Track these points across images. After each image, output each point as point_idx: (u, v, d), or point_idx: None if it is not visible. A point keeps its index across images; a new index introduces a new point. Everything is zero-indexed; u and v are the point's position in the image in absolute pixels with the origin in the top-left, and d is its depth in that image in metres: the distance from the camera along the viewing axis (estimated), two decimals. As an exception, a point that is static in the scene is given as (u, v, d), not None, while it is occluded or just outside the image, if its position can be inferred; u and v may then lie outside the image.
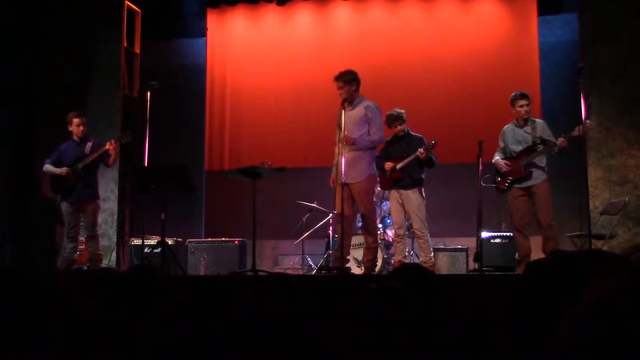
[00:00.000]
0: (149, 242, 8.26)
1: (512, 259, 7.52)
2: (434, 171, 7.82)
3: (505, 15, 9.85)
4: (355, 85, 7.15)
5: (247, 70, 10.49)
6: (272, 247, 10.05)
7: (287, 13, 10.49)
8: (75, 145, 7.81)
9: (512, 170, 7.13)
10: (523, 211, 7.15)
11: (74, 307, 1.14)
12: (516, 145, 7.21)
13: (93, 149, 7.70)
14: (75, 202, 7.69)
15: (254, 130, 10.30)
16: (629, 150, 8.19)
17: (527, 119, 7.20)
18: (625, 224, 7.97)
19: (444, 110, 9.59)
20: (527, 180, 7.09)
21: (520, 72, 9.45)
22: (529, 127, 7.17)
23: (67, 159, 7.74)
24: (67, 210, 7.71)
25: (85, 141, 7.80)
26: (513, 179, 7.13)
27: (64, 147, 7.85)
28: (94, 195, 7.82)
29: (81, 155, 7.71)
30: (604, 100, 8.29)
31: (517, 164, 7.10)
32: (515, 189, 7.15)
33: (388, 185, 7.70)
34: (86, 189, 7.71)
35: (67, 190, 7.67)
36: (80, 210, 7.72)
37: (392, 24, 10.14)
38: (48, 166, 7.78)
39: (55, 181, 7.78)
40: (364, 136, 7.13)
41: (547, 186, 7.10)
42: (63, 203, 7.73)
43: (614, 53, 8.33)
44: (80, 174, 7.63)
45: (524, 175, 7.07)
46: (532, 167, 7.07)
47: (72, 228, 7.73)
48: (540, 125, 7.21)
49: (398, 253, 7.61)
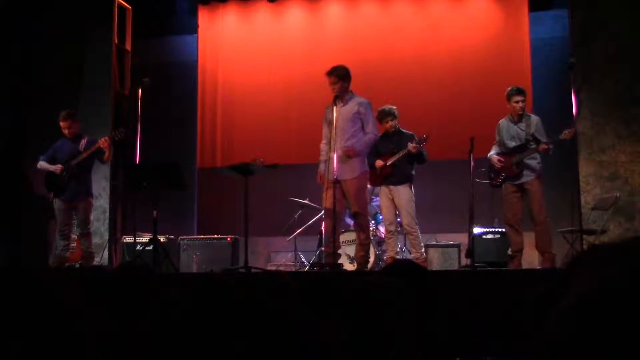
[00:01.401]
0: (141, 239, 8.24)
1: (504, 255, 7.54)
2: (426, 167, 7.83)
3: (497, 11, 9.86)
4: (348, 82, 7.15)
5: (239, 67, 10.48)
6: (264, 244, 10.04)
7: (278, 9, 10.48)
8: (69, 143, 7.79)
9: (505, 167, 7.16)
10: (516, 207, 7.17)
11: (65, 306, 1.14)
12: (510, 141, 7.23)
13: (87, 146, 7.68)
14: (68, 199, 7.67)
15: (246, 127, 10.29)
16: (619, 145, 8.22)
17: (522, 114, 7.22)
18: (616, 219, 8.01)
19: (436, 106, 9.60)
20: (519, 178, 7.11)
21: (512, 68, 9.46)
22: (523, 123, 7.19)
23: (61, 156, 7.73)
24: (60, 208, 7.70)
25: (79, 138, 7.79)
26: (506, 175, 7.16)
27: (58, 144, 7.83)
28: (87, 193, 7.80)
29: (75, 152, 7.69)
30: (594, 95, 8.32)
31: (509, 161, 7.13)
32: (508, 184, 7.18)
33: (378, 182, 7.71)
34: (79, 187, 7.69)
35: (61, 187, 7.65)
36: (73, 207, 7.71)
37: (384, 20, 10.14)
38: (42, 163, 7.76)
39: (48, 178, 7.76)
40: (359, 137, 7.11)
41: (539, 182, 7.13)
42: (56, 200, 7.71)
43: (605, 49, 8.36)
44: (74, 171, 7.62)
45: (515, 173, 7.10)
46: (523, 164, 7.09)
47: (64, 225, 7.72)
48: (535, 122, 7.21)
49: (390, 249, 7.62)
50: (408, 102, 8.89)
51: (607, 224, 7.80)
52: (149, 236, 7.71)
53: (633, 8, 8.33)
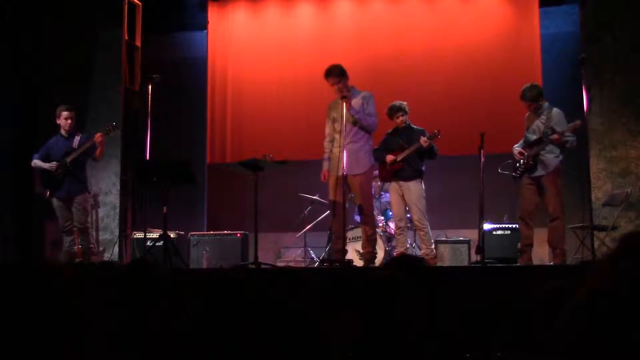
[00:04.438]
0: (151, 235, 8.27)
1: (514, 251, 7.52)
2: (436, 163, 7.81)
3: (507, 6, 9.82)
4: (347, 78, 7.16)
5: (249, 63, 10.47)
6: (274, 240, 10.05)
7: (288, 5, 10.47)
8: (63, 140, 7.82)
9: (525, 160, 7.16)
10: (529, 200, 7.16)
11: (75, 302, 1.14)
12: (531, 135, 7.23)
13: (81, 142, 7.71)
14: (64, 196, 7.72)
15: (255, 123, 10.29)
16: (631, 141, 8.17)
17: (543, 106, 7.18)
18: (627, 216, 7.97)
19: (446, 102, 9.57)
20: (535, 171, 7.10)
21: (522, 63, 9.42)
22: (544, 116, 7.16)
23: (55, 154, 7.76)
24: (58, 205, 7.75)
25: (73, 135, 7.82)
26: (524, 168, 7.16)
27: (51, 142, 7.87)
28: (84, 188, 7.84)
29: (69, 149, 7.72)
30: (606, 91, 8.27)
31: (528, 154, 7.13)
32: (525, 177, 7.18)
33: (388, 178, 7.70)
34: (75, 183, 7.73)
35: (56, 184, 7.69)
36: (70, 203, 7.74)
37: (393, 16, 10.11)
38: (36, 161, 7.80)
39: (44, 176, 7.80)
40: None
41: (555, 179, 7.08)
42: (53, 198, 7.75)
43: (616, 44, 8.31)
44: (68, 168, 7.64)
45: (530, 165, 7.10)
46: (538, 158, 7.07)
47: (66, 222, 7.77)
48: (556, 114, 7.18)
49: (400, 245, 7.61)
50: (418, 99, 8.86)
51: (618, 220, 7.76)
52: (159, 232, 7.73)
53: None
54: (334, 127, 7.28)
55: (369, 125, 7.15)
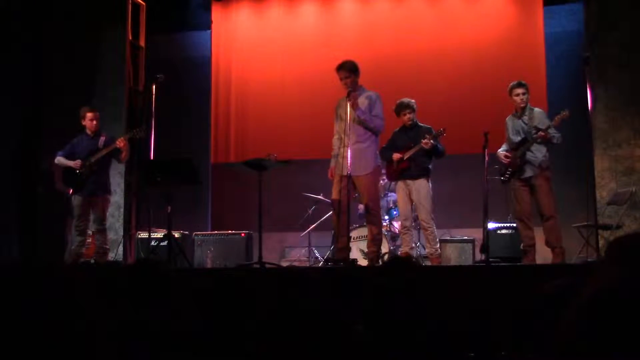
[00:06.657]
0: (156, 235, 8.28)
1: (518, 250, 7.51)
2: (440, 162, 7.80)
3: (511, 5, 9.81)
4: (358, 75, 7.12)
5: (253, 62, 10.49)
6: (278, 239, 10.06)
7: (292, 5, 10.48)
8: (88, 139, 7.81)
9: (511, 162, 7.12)
10: (524, 202, 7.13)
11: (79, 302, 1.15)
12: (515, 136, 7.19)
13: (106, 143, 7.71)
14: (86, 195, 7.69)
15: (259, 123, 10.30)
16: (635, 140, 8.16)
17: (525, 108, 7.16)
18: (631, 214, 7.96)
19: (450, 101, 9.57)
20: (524, 173, 7.07)
21: (526, 62, 9.41)
22: (526, 117, 7.13)
23: (80, 152, 7.75)
24: (77, 204, 7.71)
25: (98, 135, 7.81)
26: (512, 171, 7.13)
27: (76, 140, 7.85)
28: (105, 189, 7.82)
29: (94, 149, 7.71)
30: (610, 90, 8.26)
31: (515, 156, 7.09)
32: (515, 180, 7.14)
33: (395, 176, 7.68)
34: (98, 183, 7.71)
35: (79, 183, 7.68)
36: (91, 203, 7.73)
37: (397, 14, 10.12)
38: (60, 158, 7.78)
39: (67, 174, 7.79)
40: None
41: (546, 177, 7.04)
42: (74, 196, 7.73)
43: (620, 43, 8.29)
44: (93, 167, 7.64)
45: (518, 167, 7.06)
46: (526, 158, 7.03)
47: (81, 221, 7.74)
48: (538, 114, 7.16)
49: (405, 245, 7.60)
50: (422, 98, 8.84)
51: (622, 219, 7.75)
52: (164, 232, 7.74)
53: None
54: (340, 125, 7.27)
55: (375, 127, 7.11)
